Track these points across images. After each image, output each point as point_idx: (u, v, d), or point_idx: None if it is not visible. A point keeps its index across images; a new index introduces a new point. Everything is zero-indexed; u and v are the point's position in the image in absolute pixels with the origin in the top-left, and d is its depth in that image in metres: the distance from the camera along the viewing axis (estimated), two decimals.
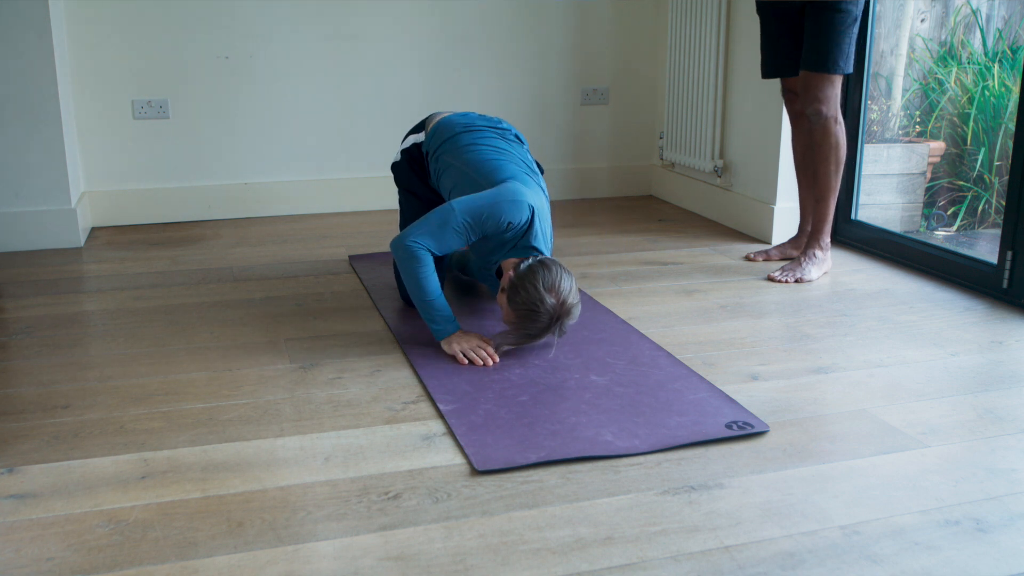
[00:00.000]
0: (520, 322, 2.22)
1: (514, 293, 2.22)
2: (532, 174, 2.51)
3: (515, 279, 2.23)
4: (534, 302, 2.18)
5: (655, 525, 1.57)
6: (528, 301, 2.18)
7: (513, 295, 2.22)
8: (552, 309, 2.19)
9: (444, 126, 2.61)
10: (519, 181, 2.40)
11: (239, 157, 3.81)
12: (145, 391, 2.12)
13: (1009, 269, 2.71)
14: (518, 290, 2.21)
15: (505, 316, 2.28)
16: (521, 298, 2.20)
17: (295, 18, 3.73)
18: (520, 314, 2.21)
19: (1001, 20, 4.00)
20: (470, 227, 2.30)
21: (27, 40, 3.21)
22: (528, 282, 2.20)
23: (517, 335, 2.25)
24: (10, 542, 1.52)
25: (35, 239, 3.37)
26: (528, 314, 2.20)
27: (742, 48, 3.52)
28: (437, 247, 2.31)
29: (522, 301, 2.20)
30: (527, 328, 2.22)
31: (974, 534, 1.55)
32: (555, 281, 2.20)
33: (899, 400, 2.07)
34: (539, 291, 2.18)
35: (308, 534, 1.54)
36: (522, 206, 2.32)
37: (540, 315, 2.19)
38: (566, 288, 2.21)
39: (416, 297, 2.32)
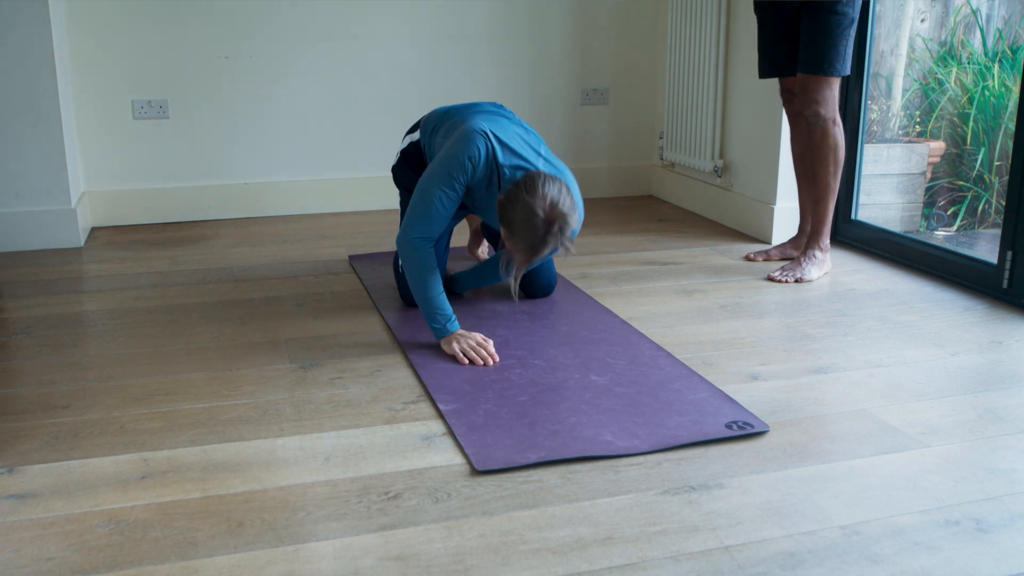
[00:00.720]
0: (519, 240, 2.15)
1: (504, 214, 2.15)
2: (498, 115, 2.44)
3: (502, 200, 2.17)
4: (524, 214, 2.11)
5: (655, 525, 1.57)
6: (519, 215, 2.12)
7: (504, 217, 2.16)
8: (545, 214, 2.10)
9: (432, 116, 2.63)
10: (469, 115, 2.36)
11: (239, 157, 3.81)
12: (145, 391, 2.12)
13: (1009, 269, 2.71)
14: (506, 208, 2.15)
15: (507, 245, 2.20)
16: (511, 215, 2.13)
17: (295, 18, 3.73)
18: (517, 232, 2.14)
19: (1001, 20, 4.00)
20: (445, 189, 2.28)
21: (27, 40, 3.21)
22: (513, 196, 2.14)
23: (521, 254, 2.17)
24: (10, 542, 1.52)
25: (35, 239, 3.37)
26: (524, 228, 2.12)
27: (742, 48, 3.52)
28: (432, 227, 2.30)
29: (513, 218, 2.13)
30: (528, 241, 2.14)
31: (974, 534, 1.55)
32: (539, 187, 2.12)
33: (899, 400, 2.07)
34: (525, 201, 2.11)
35: (308, 534, 1.54)
36: (471, 137, 2.27)
37: (536, 224, 2.11)
38: (553, 192, 2.13)
39: (417, 295, 2.33)
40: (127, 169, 3.70)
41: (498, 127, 2.35)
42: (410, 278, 2.33)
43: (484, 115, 2.42)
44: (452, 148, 2.32)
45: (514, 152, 2.33)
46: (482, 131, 2.30)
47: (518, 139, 2.38)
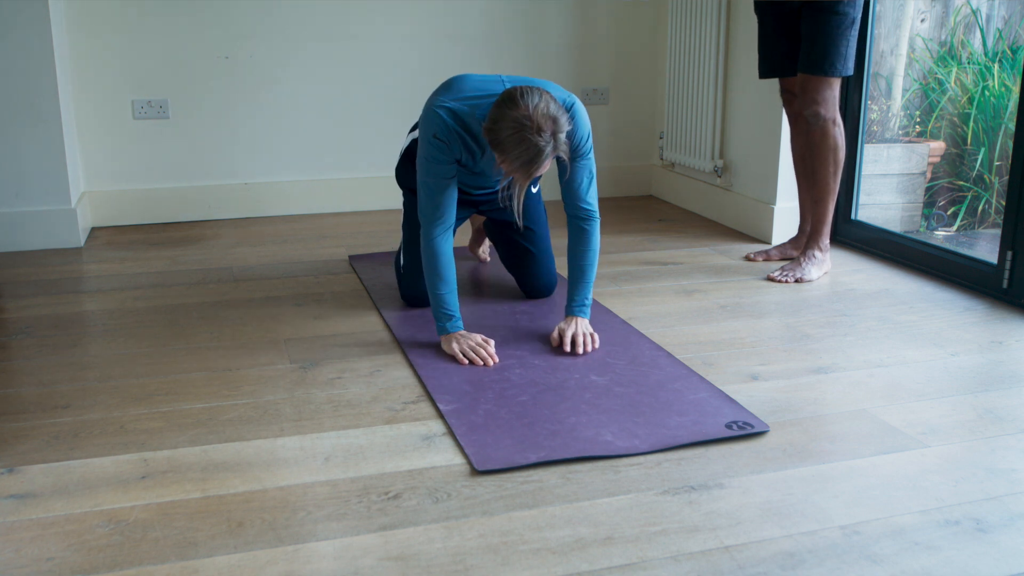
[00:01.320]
0: (514, 156, 2.07)
1: (492, 138, 2.08)
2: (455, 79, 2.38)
3: (487, 126, 2.10)
4: (511, 127, 2.04)
5: (655, 525, 1.57)
6: (506, 132, 2.05)
7: (494, 141, 2.08)
8: (532, 121, 2.03)
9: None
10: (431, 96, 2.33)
11: (239, 157, 3.81)
12: (145, 391, 2.12)
13: (1009, 269, 2.71)
14: (492, 131, 2.08)
15: (503, 166, 2.12)
16: (499, 136, 2.06)
17: (295, 18, 3.73)
18: (509, 148, 2.06)
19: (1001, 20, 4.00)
20: (433, 176, 2.27)
21: (27, 40, 3.21)
22: (495, 116, 2.07)
23: (520, 171, 2.10)
24: (10, 542, 1.52)
25: (35, 239, 3.37)
26: (514, 142, 2.05)
27: (742, 48, 3.52)
28: (442, 214, 2.30)
29: (502, 138, 2.06)
30: (523, 155, 2.06)
31: (974, 534, 1.55)
32: (518, 99, 2.05)
33: (899, 400, 2.08)
34: (508, 115, 2.05)
35: (308, 534, 1.54)
36: (427, 115, 2.27)
37: (525, 135, 2.04)
38: (534, 99, 2.06)
39: (428, 290, 2.35)
40: (127, 169, 3.70)
41: (451, 90, 2.31)
42: (425, 272, 2.34)
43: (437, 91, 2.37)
44: (419, 135, 2.33)
45: (475, 97, 2.27)
46: (435, 104, 2.28)
47: (475, 84, 2.32)
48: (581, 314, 2.40)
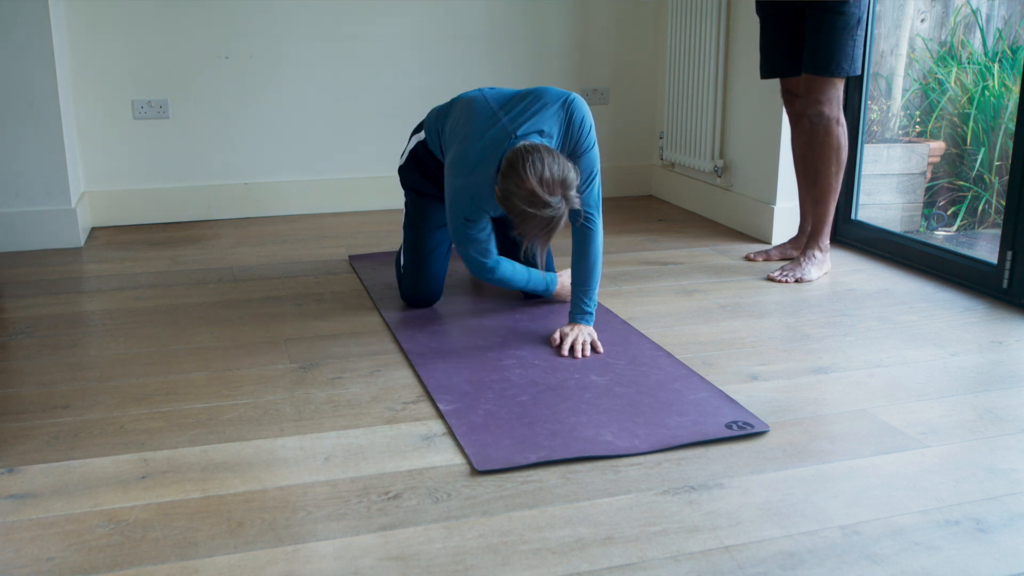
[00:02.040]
0: (531, 226, 2.10)
1: (506, 207, 2.12)
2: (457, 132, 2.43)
3: (499, 196, 2.13)
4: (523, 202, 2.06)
5: (655, 525, 1.57)
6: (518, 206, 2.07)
7: (508, 209, 2.12)
8: (540, 195, 2.05)
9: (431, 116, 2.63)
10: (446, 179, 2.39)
11: (239, 157, 3.81)
12: (145, 391, 2.12)
13: (1009, 269, 2.71)
14: (504, 202, 2.11)
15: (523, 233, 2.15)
16: (512, 208, 2.09)
17: (295, 18, 3.73)
18: (524, 220, 2.09)
19: (1001, 20, 4.00)
20: (475, 235, 2.39)
21: (27, 40, 3.21)
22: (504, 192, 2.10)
23: (540, 238, 2.13)
24: (10, 542, 1.52)
25: (35, 239, 3.37)
26: (530, 216, 2.07)
27: (742, 48, 3.52)
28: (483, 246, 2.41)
29: (515, 210, 2.09)
30: (539, 225, 2.09)
31: (974, 534, 1.55)
32: (520, 173, 2.07)
33: (899, 400, 2.08)
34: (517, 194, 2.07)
35: (308, 534, 1.54)
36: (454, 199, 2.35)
37: (539, 210, 2.06)
38: (536, 168, 2.06)
39: (518, 288, 2.59)
40: (127, 169, 3.70)
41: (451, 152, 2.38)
42: (506, 283, 2.54)
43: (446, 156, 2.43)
44: (448, 207, 2.39)
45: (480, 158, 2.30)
46: (454, 191, 2.34)
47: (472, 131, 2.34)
48: (584, 321, 2.40)
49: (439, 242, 2.64)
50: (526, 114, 2.34)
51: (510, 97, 2.42)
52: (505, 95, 2.44)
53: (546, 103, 2.35)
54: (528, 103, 2.37)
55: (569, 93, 2.38)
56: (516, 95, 2.42)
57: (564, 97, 2.35)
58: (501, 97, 2.43)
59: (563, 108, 2.34)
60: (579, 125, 2.33)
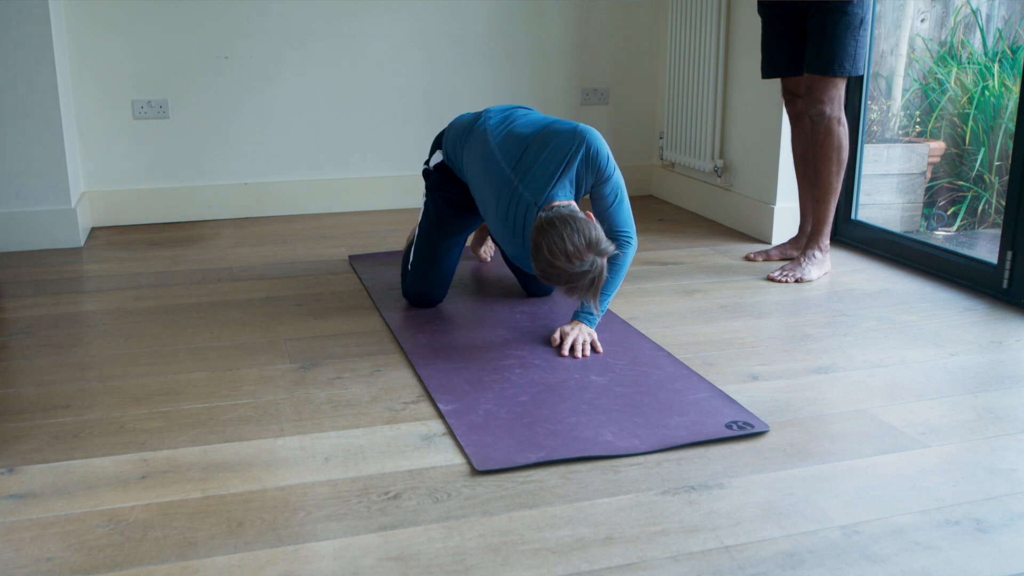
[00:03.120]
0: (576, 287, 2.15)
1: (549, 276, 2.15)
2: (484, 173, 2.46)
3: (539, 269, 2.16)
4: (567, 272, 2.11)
5: (655, 525, 1.57)
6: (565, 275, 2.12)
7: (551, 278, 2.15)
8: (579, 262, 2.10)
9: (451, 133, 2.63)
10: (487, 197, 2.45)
11: (239, 157, 3.81)
12: (145, 391, 2.12)
13: (1009, 269, 2.71)
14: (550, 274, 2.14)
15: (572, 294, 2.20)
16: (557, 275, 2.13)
17: (295, 18, 3.73)
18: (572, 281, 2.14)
19: (1001, 20, 4.00)
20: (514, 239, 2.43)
21: (27, 40, 3.21)
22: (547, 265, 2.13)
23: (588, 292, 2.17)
24: (10, 542, 1.52)
25: (35, 239, 3.37)
26: (574, 279, 2.12)
27: (742, 48, 3.52)
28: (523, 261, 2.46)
29: (562, 277, 2.13)
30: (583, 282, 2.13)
31: (974, 534, 1.55)
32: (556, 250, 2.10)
33: (899, 400, 2.08)
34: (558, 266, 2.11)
35: (308, 534, 1.54)
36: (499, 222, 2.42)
37: (579, 274, 2.11)
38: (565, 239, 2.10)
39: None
40: (127, 169, 3.70)
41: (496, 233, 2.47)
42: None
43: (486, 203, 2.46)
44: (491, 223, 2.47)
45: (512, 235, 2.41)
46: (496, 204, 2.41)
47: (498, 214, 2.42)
48: (587, 322, 2.40)
49: (454, 245, 2.64)
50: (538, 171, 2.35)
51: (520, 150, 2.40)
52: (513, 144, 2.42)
53: (556, 149, 2.35)
54: (537, 153, 2.37)
55: (577, 128, 2.36)
56: (524, 142, 2.40)
57: (575, 136, 2.34)
58: (509, 148, 2.41)
59: (577, 147, 2.33)
60: (596, 159, 2.35)
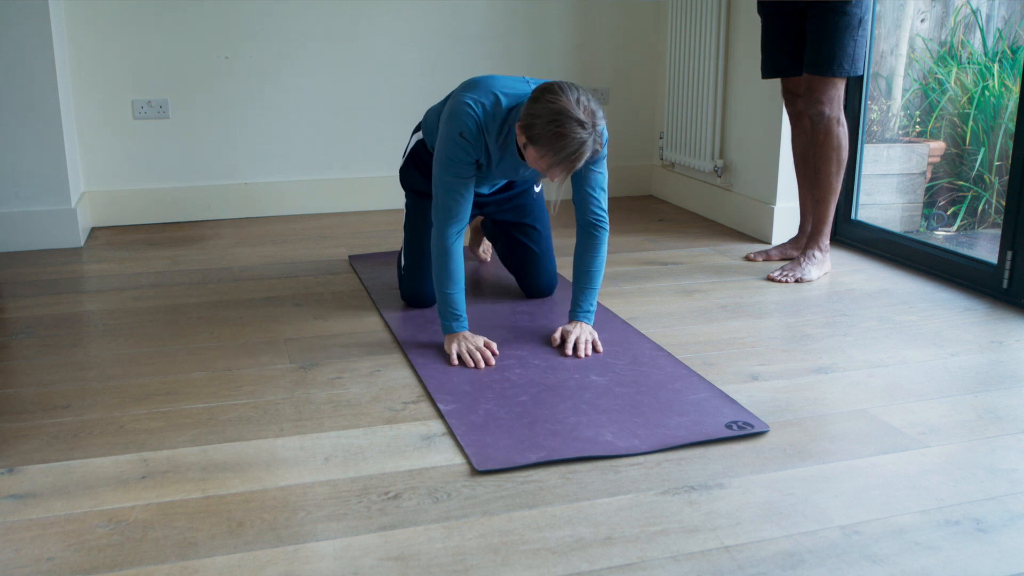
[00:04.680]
0: (557, 148, 2.05)
1: (531, 132, 2.06)
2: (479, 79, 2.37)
3: (524, 121, 2.08)
4: (555, 120, 2.02)
5: (655, 525, 1.57)
6: (546, 125, 2.03)
7: (533, 134, 2.06)
8: (574, 114, 2.02)
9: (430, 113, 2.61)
10: (451, 96, 2.31)
11: (239, 157, 3.81)
12: (145, 391, 2.12)
13: (1009, 269, 2.71)
14: (532, 126, 2.05)
15: (541, 162, 2.10)
16: (540, 129, 2.04)
17: (295, 18, 3.73)
18: (552, 142, 2.04)
19: (1001, 20, 4.00)
20: (452, 175, 2.25)
21: (27, 40, 3.21)
22: (535, 111, 2.05)
23: (563, 165, 2.08)
24: (10, 542, 1.52)
25: (35, 239, 3.37)
26: (558, 137, 2.03)
27: (742, 48, 3.52)
28: (458, 215, 2.28)
29: (541, 132, 2.04)
30: (566, 148, 2.04)
31: (974, 534, 1.55)
32: (559, 93, 2.05)
33: (899, 400, 2.08)
34: (550, 108, 2.03)
35: (308, 534, 1.54)
36: (455, 112, 2.24)
37: (570, 129, 2.03)
38: (573, 93, 2.05)
39: (436, 289, 2.32)
40: (127, 169, 3.70)
41: (479, 89, 2.30)
42: (434, 272, 2.32)
43: (463, 88, 2.35)
44: (443, 132, 2.29)
45: (507, 95, 2.27)
46: (463, 102, 2.25)
47: (504, 84, 2.31)
48: (586, 320, 2.40)
49: None
50: None
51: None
52: None
53: None
54: None
55: None
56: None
57: None
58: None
59: None
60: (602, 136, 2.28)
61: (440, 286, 2.31)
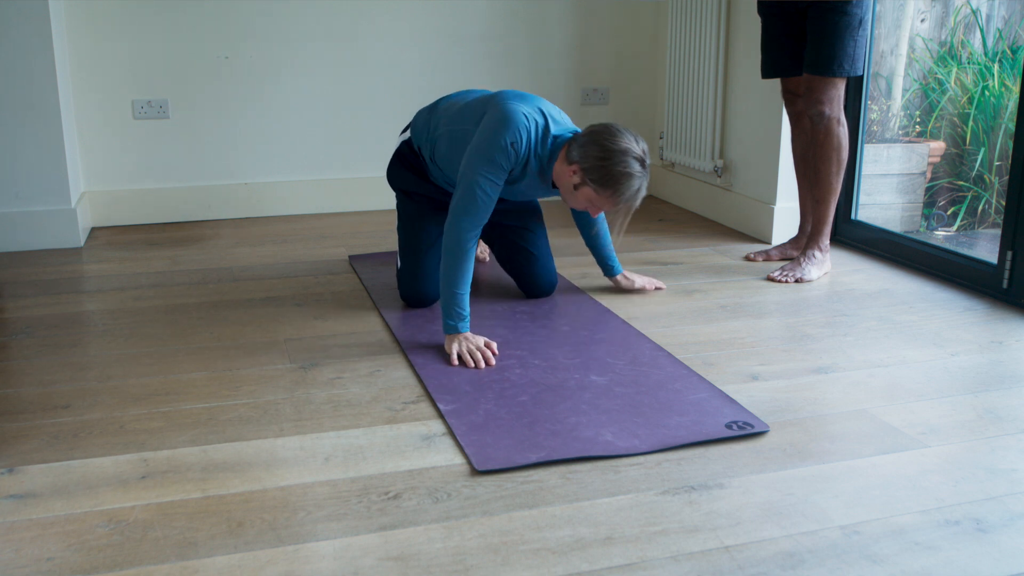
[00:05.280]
0: (623, 189, 2.20)
1: (601, 173, 2.19)
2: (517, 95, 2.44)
3: (588, 163, 2.20)
4: (619, 163, 2.16)
5: (655, 525, 1.57)
6: (612, 168, 2.16)
7: (602, 176, 2.19)
8: (636, 156, 2.18)
9: (421, 113, 2.64)
10: (500, 100, 2.36)
11: (239, 157, 3.81)
12: (145, 391, 2.12)
13: (1009, 269, 2.71)
14: (603, 168, 2.18)
15: (600, 203, 2.25)
16: (604, 170, 2.17)
17: (295, 18, 3.73)
18: (619, 183, 2.19)
19: (1001, 20, 4.00)
20: (488, 175, 2.28)
21: (27, 40, 3.21)
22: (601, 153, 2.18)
23: (626, 205, 2.24)
24: (10, 542, 1.52)
25: (35, 239, 3.37)
26: (625, 179, 2.18)
27: (742, 48, 3.52)
28: (480, 217, 2.30)
29: (607, 172, 2.17)
30: (629, 190, 2.20)
31: (974, 534, 1.55)
32: (618, 136, 2.19)
33: (899, 400, 2.08)
34: (617, 154, 2.17)
35: (308, 534, 1.54)
36: (511, 120, 2.28)
37: (632, 170, 2.18)
38: (629, 137, 2.21)
39: (444, 286, 2.32)
40: (127, 169, 3.70)
41: (529, 102, 2.34)
42: (444, 268, 2.32)
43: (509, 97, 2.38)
44: (491, 134, 2.29)
45: (556, 122, 2.35)
46: (519, 113, 2.29)
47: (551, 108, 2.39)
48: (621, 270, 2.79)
49: (434, 240, 2.64)
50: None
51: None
52: None
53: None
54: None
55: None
56: None
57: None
58: None
59: None
60: None
61: (449, 284, 2.31)
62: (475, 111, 2.42)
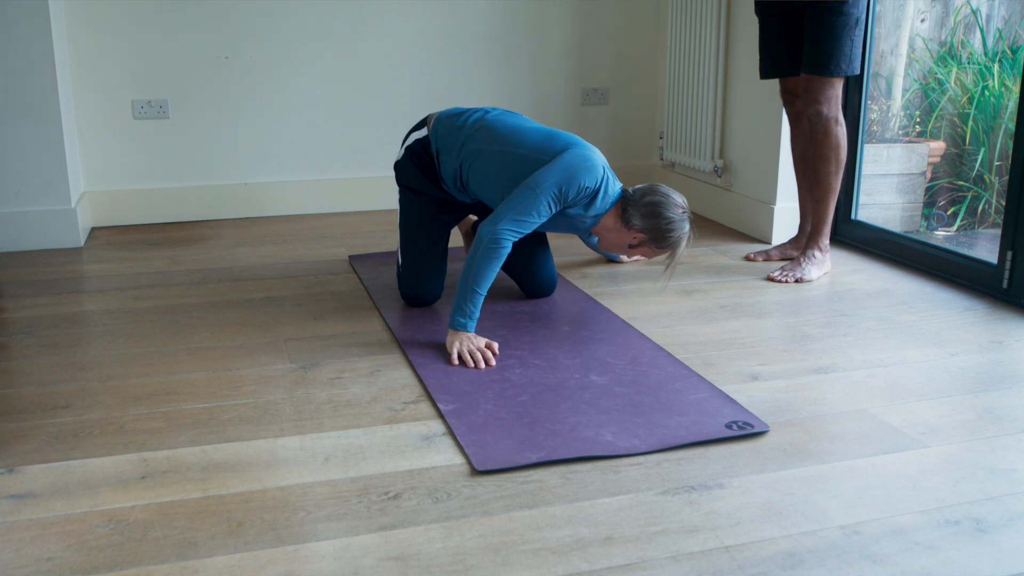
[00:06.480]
0: (672, 240, 2.41)
1: (662, 233, 2.40)
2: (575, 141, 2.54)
3: (646, 224, 2.40)
4: (673, 221, 2.38)
5: (655, 525, 1.57)
6: (667, 225, 2.38)
7: (662, 235, 2.40)
8: (684, 212, 2.41)
9: (448, 118, 2.59)
10: (577, 145, 2.45)
11: (239, 157, 3.81)
12: (145, 391, 2.12)
13: (1009, 269, 2.71)
14: (667, 229, 2.39)
15: (651, 256, 2.51)
16: (660, 229, 2.39)
17: (295, 18, 3.73)
18: (667, 236, 2.40)
19: (1001, 20, 4.00)
20: (552, 204, 2.36)
21: (27, 40, 3.21)
22: (656, 213, 2.39)
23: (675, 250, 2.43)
24: (10, 542, 1.52)
25: (35, 239, 3.37)
26: (675, 231, 2.39)
27: (742, 48, 3.52)
28: (526, 230, 2.36)
29: (662, 229, 2.39)
30: (679, 239, 2.41)
31: (974, 534, 1.55)
32: (668, 196, 2.41)
33: (899, 400, 2.08)
34: (667, 212, 2.38)
35: (308, 534, 1.54)
36: (594, 167, 2.41)
37: (682, 225, 2.40)
38: (673, 195, 2.43)
39: (470, 283, 2.32)
40: (127, 169, 3.70)
41: (596, 155, 2.45)
42: (474, 263, 2.32)
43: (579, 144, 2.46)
44: (575, 168, 2.37)
45: (615, 178, 2.50)
46: (596, 164, 2.41)
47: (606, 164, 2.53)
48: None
49: (436, 239, 2.64)
50: None
51: None
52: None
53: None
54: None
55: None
56: None
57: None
58: None
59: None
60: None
61: (474, 283, 2.31)
62: (538, 143, 2.45)
